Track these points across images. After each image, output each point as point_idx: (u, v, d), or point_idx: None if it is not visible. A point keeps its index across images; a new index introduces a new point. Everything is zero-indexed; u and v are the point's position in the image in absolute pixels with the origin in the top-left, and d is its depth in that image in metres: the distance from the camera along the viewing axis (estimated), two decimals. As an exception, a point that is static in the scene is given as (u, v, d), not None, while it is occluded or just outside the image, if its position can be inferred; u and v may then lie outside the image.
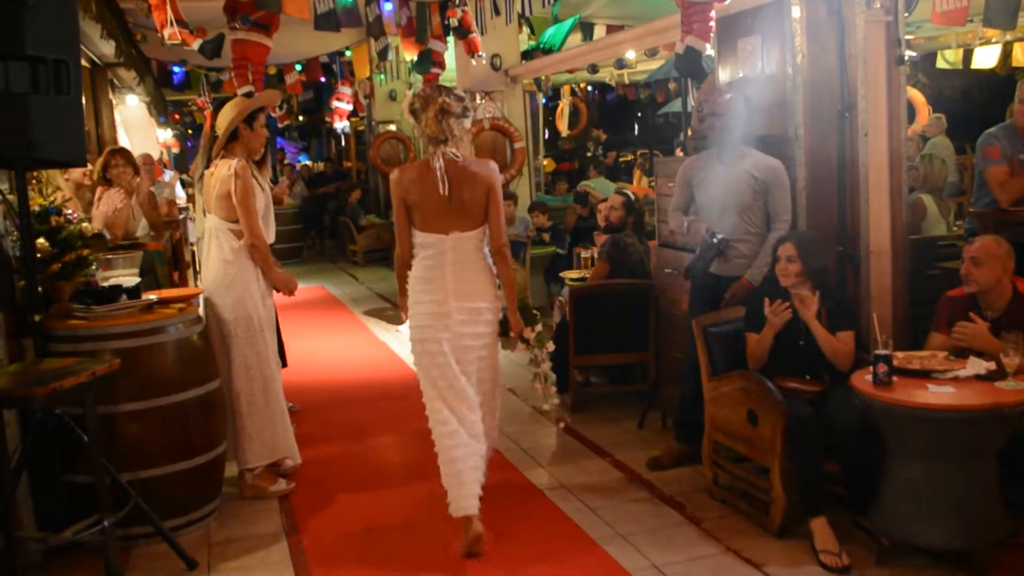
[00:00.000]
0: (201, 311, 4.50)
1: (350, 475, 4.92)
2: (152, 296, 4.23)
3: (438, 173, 3.86)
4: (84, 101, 8.96)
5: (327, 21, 7.42)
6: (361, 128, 17.29)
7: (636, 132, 19.42)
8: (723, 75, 5.19)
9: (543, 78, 13.39)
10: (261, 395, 4.52)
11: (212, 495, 4.34)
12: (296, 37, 10.72)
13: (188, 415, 4.12)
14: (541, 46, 10.75)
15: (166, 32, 5.71)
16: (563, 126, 15.80)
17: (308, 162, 21.49)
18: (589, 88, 16.97)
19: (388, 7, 8.38)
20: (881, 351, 3.41)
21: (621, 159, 16.52)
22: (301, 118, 19.76)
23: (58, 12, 3.52)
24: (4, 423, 3.63)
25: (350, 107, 12.52)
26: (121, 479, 3.68)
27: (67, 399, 3.31)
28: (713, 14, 4.27)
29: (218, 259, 4.42)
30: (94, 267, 4.19)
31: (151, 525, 3.76)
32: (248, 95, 8.72)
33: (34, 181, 4.17)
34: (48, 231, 4.04)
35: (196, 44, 6.25)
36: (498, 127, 10.28)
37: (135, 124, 9.62)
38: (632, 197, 6.27)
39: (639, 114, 18.67)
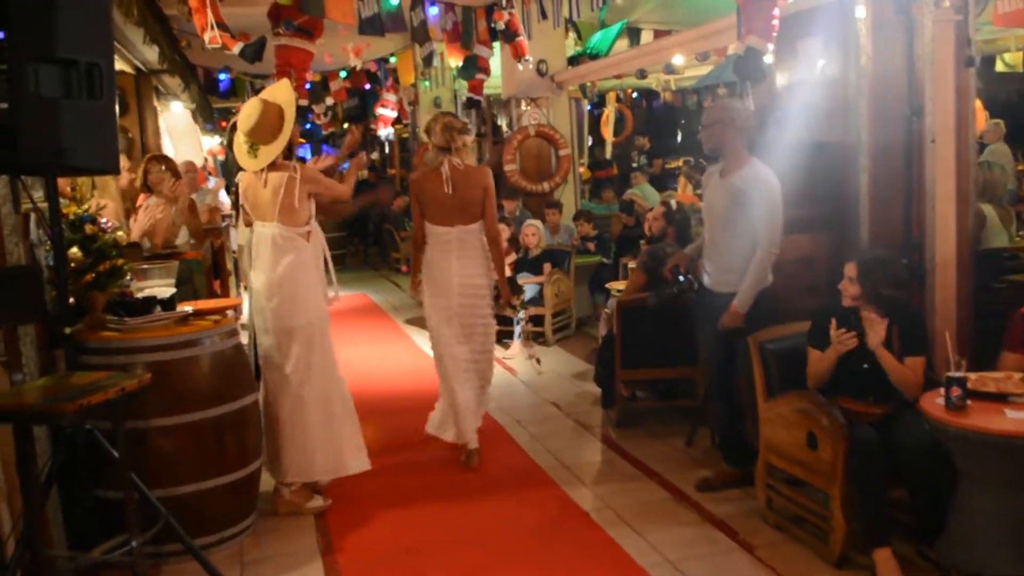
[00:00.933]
0: (244, 321, 4.39)
1: (387, 491, 4.76)
2: (187, 308, 4.11)
3: (444, 176, 4.85)
4: (129, 108, 9.04)
5: (371, 26, 7.34)
6: (406, 135, 17.25)
7: (679, 139, 19.13)
8: (781, 78, 4.98)
9: (588, 84, 13.20)
10: (331, 401, 4.45)
11: (246, 512, 4.21)
12: (341, 44, 10.72)
13: (223, 430, 4.00)
14: (588, 51, 10.57)
15: (206, 36, 5.64)
16: (608, 133, 15.58)
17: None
18: (635, 95, 16.74)
19: (433, 12, 8.27)
20: (954, 373, 3.18)
21: (668, 166, 16.27)
22: (346, 125, 19.75)
23: (91, 13, 3.40)
24: (33, 437, 3.56)
25: (394, 114, 12.45)
26: (152, 496, 3.55)
27: (95, 415, 3.19)
28: (776, 12, 4.05)
29: (288, 269, 4.28)
30: (128, 277, 4.09)
31: (181, 543, 3.63)
32: (292, 101, 8.73)
33: (70, 189, 4.07)
34: (82, 240, 3.94)
35: (236, 48, 6.18)
36: (543, 134, 10.11)
37: (179, 131, 9.61)
38: (673, 206, 6.08)
39: (683, 121, 18.37)
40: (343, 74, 12.27)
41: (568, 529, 4.19)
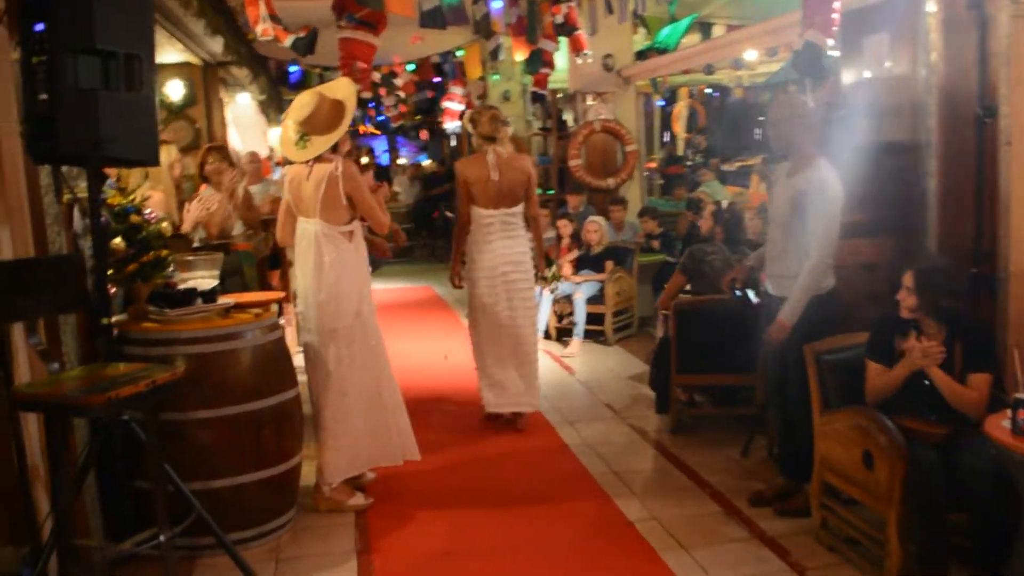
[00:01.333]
0: (287, 319, 4.35)
1: (431, 491, 4.68)
2: (229, 300, 4.08)
3: (490, 164, 5.30)
4: (196, 99, 9.14)
5: (432, 19, 7.25)
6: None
7: (756, 136, 18.65)
8: (847, 75, 4.75)
9: (659, 79, 12.97)
10: (374, 400, 4.39)
11: (284, 508, 4.17)
12: (408, 37, 10.66)
13: (261, 425, 3.96)
14: (656, 46, 10.35)
15: (259, 28, 5.61)
16: (680, 129, 15.30)
17: (425, 162, 21.58)
18: (708, 90, 16.39)
19: (497, 5, 8.16)
20: (1023, 395, 2.94)
21: (744, 163, 15.86)
22: (417, 117, 19.81)
23: (131, 6, 3.38)
24: (66, 427, 3.56)
25: (461, 107, 12.37)
26: (185, 488, 3.52)
27: (125, 408, 3.16)
28: (837, 5, 3.83)
29: (330, 267, 4.22)
30: (171, 268, 4.07)
31: (213, 537, 3.59)
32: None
33: (115, 179, 4.07)
34: (126, 230, 3.93)
35: (288, 40, 6.14)
36: (609, 129, 9.93)
37: (244, 122, 9.69)
38: (722, 206, 5.89)
39: (760, 118, 17.90)
40: (410, 67, 12.24)
41: (611, 541, 4.04)
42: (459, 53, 11.53)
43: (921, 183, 4.10)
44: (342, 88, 4.41)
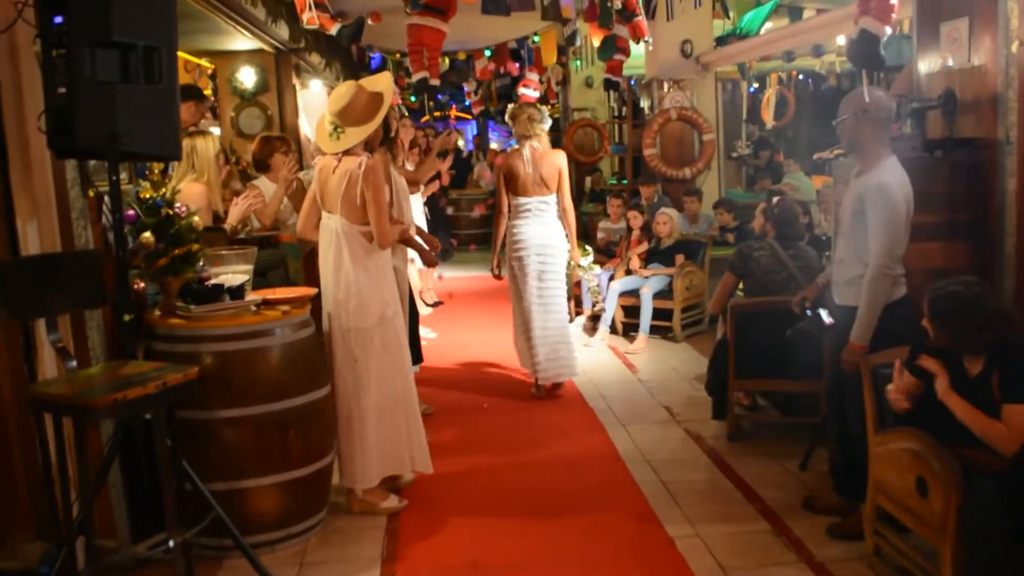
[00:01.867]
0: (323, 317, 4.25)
1: (469, 496, 4.54)
2: (256, 297, 3.99)
3: (525, 157, 5.95)
4: (268, 86, 9.15)
5: (495, 4, 7.07)
6: (556, 115, 16.93)
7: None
8: (922, 65, 4.39)
9: (747, 65, 12.50)
10: (389, 408, 4.21)
11: (313, 510, 4.08)
12: (485, 21, 10.48)
13: (287, 425, 3.87)
14: (738, 31, 9.94)
15: (304, 16, 5.52)
16: (768, 117, 14.75)
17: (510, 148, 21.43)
18: (801, 77, 15.76)
19: (567, -11, 7.91)
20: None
21: (840, 153, 15.19)
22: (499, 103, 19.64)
23: (152, -4, 3.30)
24: (93, 425, 3.53)
25: (537, 94, 12.13)
26: (204, 488, 3.44)
27: (132, 410, 3.09)
28: (896, -12, 3.50)
29: (348, 266, 4.10)
30: (201, 263, 4.00)
31: (230, 538, 3.51)
32: (423, 81, 8.60)
33: (147, 172, 4.02)
34: (156, 224, 3.87)
35: (334, 29, 6.04)
36: (686, 117, 9.60)
37: (312, 109, 9.68)
38: (771, 202, 5.56)
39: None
40: (487, 53, 12.06)
41: (648, 559, 3.82)
42: (535, 39, 11.29)
43: (999, 182, 3.74)
44: (382, 81, 4.27)
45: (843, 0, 9.25)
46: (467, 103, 19.34)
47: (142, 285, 3.90)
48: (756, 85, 15.28)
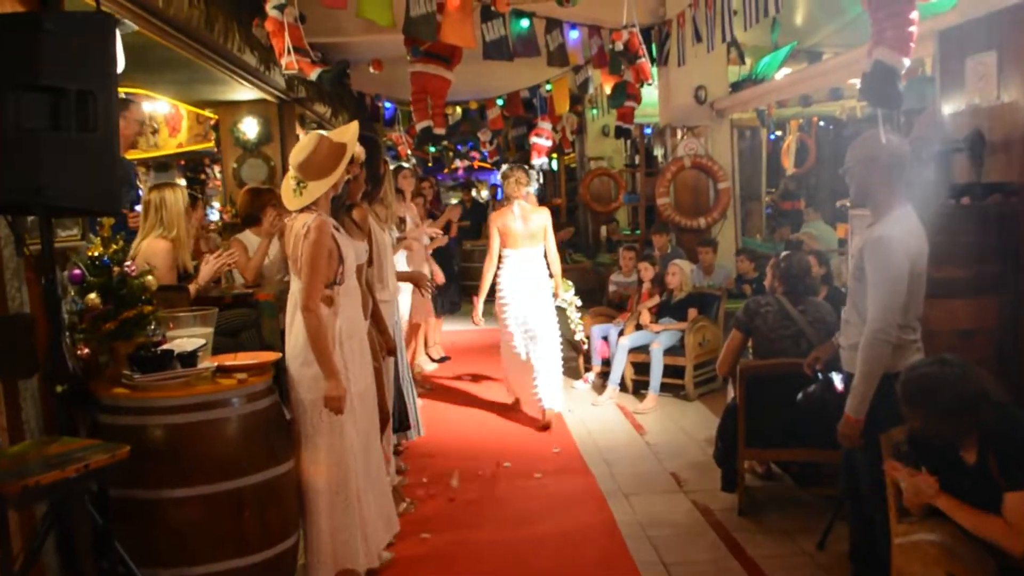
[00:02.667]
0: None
1: (451, 570, 4.14)
2: (210, 364, 3.65)
3: (516, 213, 6.68)
4: (272, 136, 8.93)
5: (498, 50, 6.79)
6: (573, 165, 16.70)
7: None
8: (946, 104, 4.02)
9: (766, 111, 12.19)
10: (340, 492, 3.77)
11: (275, 597, 3.69)
12: (496, 70, 10.28)
13: (243, 505, 3.50)
14: (754, 76, 9.63)
15: (283, 61, 5.26)
16: (789, 163, 14.38)
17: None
18: (822, 123, 15.42)
19: (574, 35, 7.63)
20: None
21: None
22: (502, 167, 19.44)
23: (87, 37, 3.02)
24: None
25: (549, 143, 11.87)
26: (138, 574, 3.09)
27: (46, 497, 2.75)
28: (915, 16, 3.13)
29: (295, 332, 3.75)
30: (152, 326, 3.68)
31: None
32: (426, 130, 8.33)
33: (98, 226, 3.72)
34: (103, 284, 3.56)
35: (314, 74, 5.76)
36: (700, 165, 9.26)
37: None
38: (779, 256, 5.19)
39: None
40: (499, 102, 11.84)
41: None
42: (548, 87, 11.05)
43: (1032, 233, 3.35)
44: (348, 132, 3.95)
45: (863, 42, 8.98)
46: (484, 153, 19.15)
47: (87, 351, 3.57)
48: (779, 132, 14.98)
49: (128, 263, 3.61)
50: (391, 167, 8.27)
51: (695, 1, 7.07)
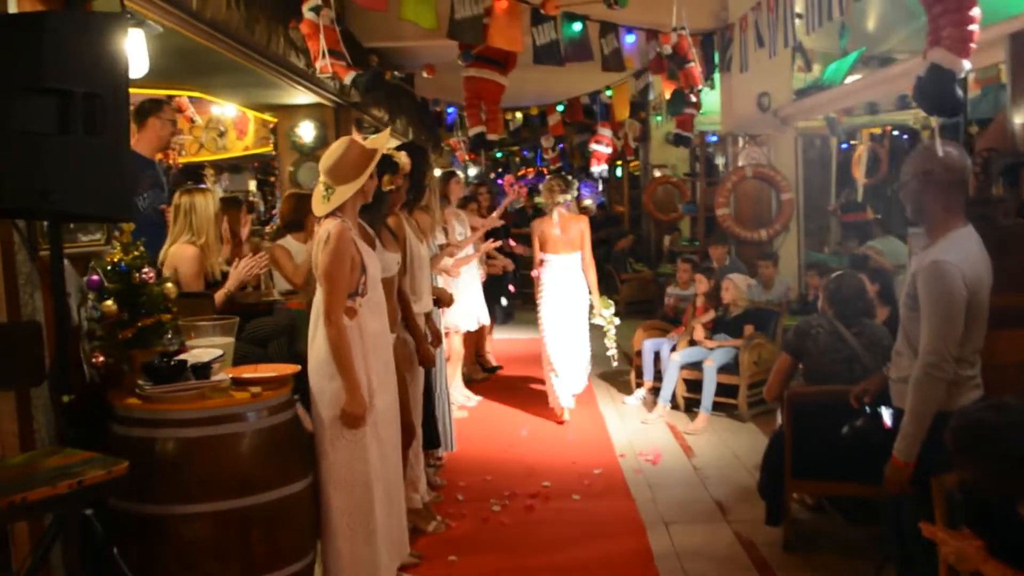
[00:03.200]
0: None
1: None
2: (225, 376, 3.53)
3: (554, 221, 7.11)
4: (328, 141, 8.88)
5: (548, 54, 6.61)
6: (637, 172, 16.41)
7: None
8: (1018, 114, 3.71)
9: (835, 119, 11.77)
10: (358, 513, 3.62)
11: (283, 623, 3.55)
12: (557, 75, 10.12)
13: (250, 524, 3.36)
14: (821, 83, 9.27)
15: (318, 64, 5.15)
16: (859, 174, 13.89)
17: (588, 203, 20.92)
18: (896, 133, 14.88)
19: (630, 39, 7.41)
20: None
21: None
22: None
23: (94, 37, 2.92)
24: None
25: (609, 150, 11.64)
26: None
27: (34, 513, 2.65)
28: (975, 13, 2.84)
29: (317, 344, 3.61)
30: (169, 335, 3.58)
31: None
32: (479, 136, 8.19)
33: (118, 232, 3.63)
34: (120, 291, 3.47)
35: (348, 78, 5.64)
36: (762, 175, 8.94)
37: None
38: (830, 276, 4.88)
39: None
40: (560, 108, 11.65)
41: None
42: (608, 93, 10.83)
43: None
44: (381, 139, 3.82)
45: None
46: (538, 162, 18.97)
47: (101, 359, 3.48)
48: (854, 141, 14.49)
49: (145, 269, 3.50)
50: (442, 172, 8.25)
51: (758, 4, 6.80)
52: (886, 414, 3.53)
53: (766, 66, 8.32)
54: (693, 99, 7.35)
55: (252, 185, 14.35)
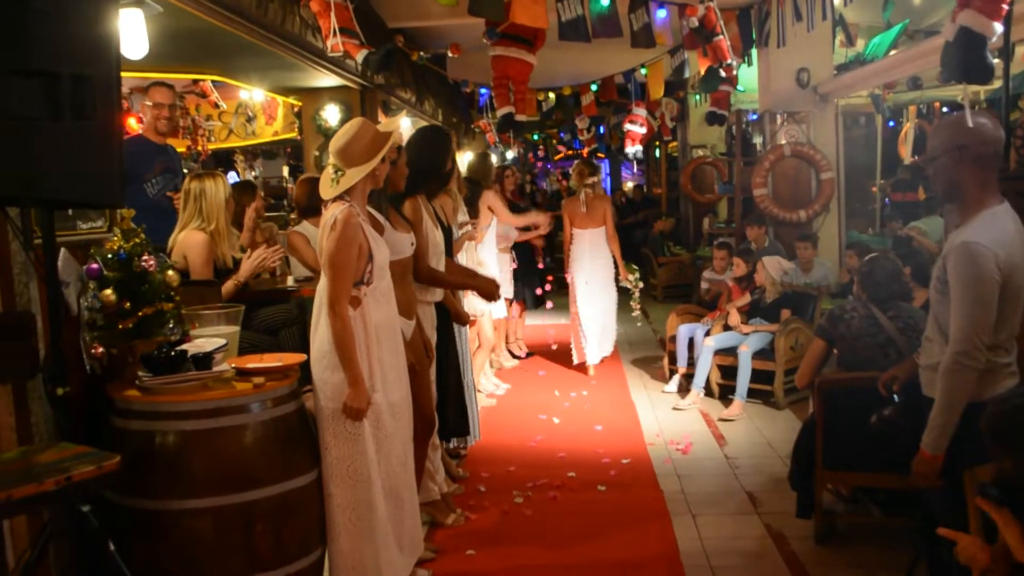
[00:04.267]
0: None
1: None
2: (227, 367, 3.43)
3: (582, 200, 8.13)
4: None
5: (574, 30, 6.42)
6: (675, 153, 16.11)
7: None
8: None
9: (880, 95, 11.39)
10: (360, 509, 3.48)
11: (294, 618, 3.45)
12: (592, 53, 9.91)
13: (254, 519, 3.26)
14: (863, 58, 8.95)
15: (330, 42, 5.01)
16: (906, 152, 13.48)
17: (630, 185, 20.66)
18: (945, 109, 14.42)
19: (662, 14, 7.17)
20: None
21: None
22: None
23: (84, 17, 2.80)
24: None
25: (644, 130, 11.39)
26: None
27: (19, 511, 2.56)
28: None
29: (324, 330, 3.48)
30: (171, 324, 3.48)
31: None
32: (508, 117, 8.02)
33: (118, 219, 3.54)
34: (120, 280, 3.37)
35: (360, 56, 5.48)
36: (801, 154, 8.65)
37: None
38: (864, 259, 4.65)
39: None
40: (594, 87, 11.40)
41: None
42: (643, 71, 10.57)
43: None
44: (395, 122, 3.69)
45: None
46: (575, 143, 18.71)
47: (100, 350, 3.39)
48: (901, 119, 14.06)
49: (145, 256, 3.40)
50: (498, 166, 8.43)
51: (794, -24, 6.55)
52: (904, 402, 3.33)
53: (805, 40, 8.07)
54: (723, 75, 7.06)
55: (285, 171, 14.31)
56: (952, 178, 2.89)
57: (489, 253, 7.24)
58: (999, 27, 2.68)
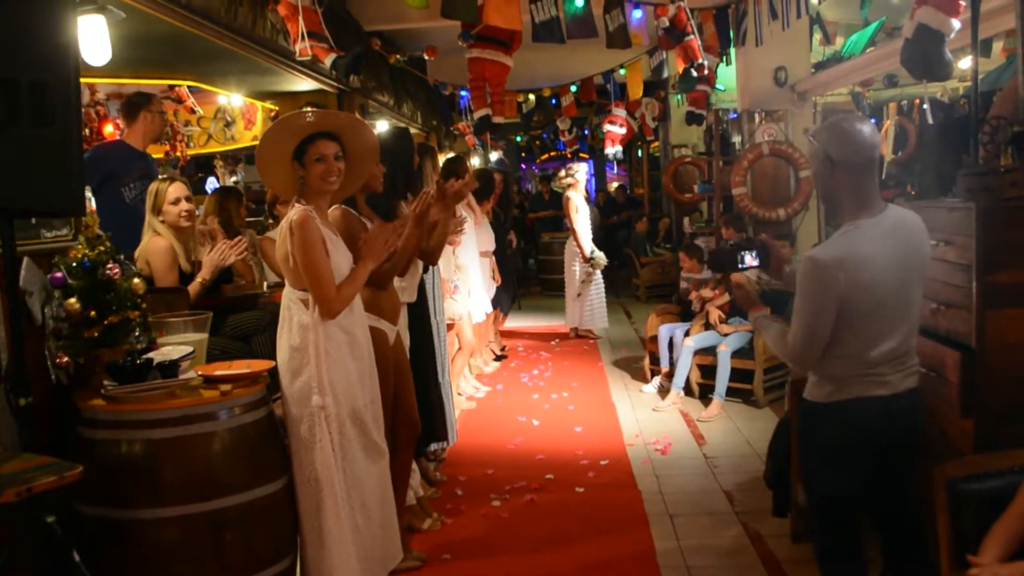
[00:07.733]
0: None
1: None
2: (194, 374, 3.40)
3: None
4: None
5: (548, 31, 6.43)
6: (657, 153, 16.13)
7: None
8: (1030, 80, 3.46)
9: (860, 93, 11.43)
10: (321, 515, 3.41)
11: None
12: (568, 56, 9.91)
13: (224, 527, 3.23)
14: (840, 56, 8.97)
15: (298, 47, 4.98)
16: (887, 150, 13.52)
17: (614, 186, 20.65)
18: (925, 106, 14.46)
19: (637, 15, 7.18)
20: None
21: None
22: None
23: (40, 22, 2.78)
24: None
25: (623, 131, 11.40)
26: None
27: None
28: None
29: (286, 337, 3.45)
30: (137, 333, 3.44)
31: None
32: (484, 119, 8.01)
33: (83, 227, 3.50)
34: (84, 288, 3.34)
35: (329, 60, 5.46)
36: (779, 152, 8.67)
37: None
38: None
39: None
40: (573, 88, 11.41)
41: None
42: (622, 72, 10.59)
43: None
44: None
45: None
46: (559, 144, 18.70)
47: (66, 359, 3.36)
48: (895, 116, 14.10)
49: (110, 264, 3.37)
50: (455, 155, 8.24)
51: (768, -25, 6.56)
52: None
53: (781, 39, 8.09)
54: (695, 74, 7.06)
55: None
56: (825, 187, 2.86)
57: (471, 259, 7.17)
58: (957, 23, 2.67)
